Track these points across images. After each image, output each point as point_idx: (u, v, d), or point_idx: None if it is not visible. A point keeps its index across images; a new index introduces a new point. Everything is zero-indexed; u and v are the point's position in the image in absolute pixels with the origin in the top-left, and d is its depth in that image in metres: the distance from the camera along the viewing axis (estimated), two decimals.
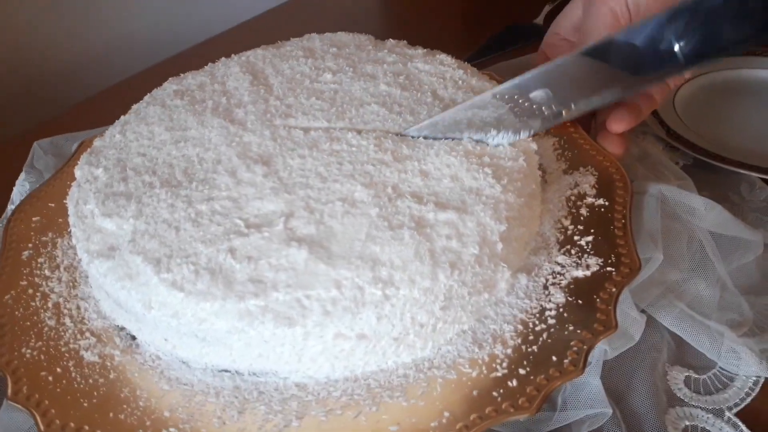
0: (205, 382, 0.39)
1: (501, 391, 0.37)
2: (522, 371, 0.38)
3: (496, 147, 0.46)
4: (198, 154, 0.45)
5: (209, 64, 0.56)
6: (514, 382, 0.38)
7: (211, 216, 0.41)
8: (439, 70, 0.52)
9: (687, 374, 0.48)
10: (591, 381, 0.45)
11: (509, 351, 0.39)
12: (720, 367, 0.48)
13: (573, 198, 0.49)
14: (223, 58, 0.56)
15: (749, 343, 0.48)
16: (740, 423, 0.45)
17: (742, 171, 0.60)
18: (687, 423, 0.46)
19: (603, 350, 0.46)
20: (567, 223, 0.47)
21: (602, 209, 0.47)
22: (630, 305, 0.48)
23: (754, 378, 0.47)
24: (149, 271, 0.38)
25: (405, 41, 0.57)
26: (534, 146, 0.47)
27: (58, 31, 0.84)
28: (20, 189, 0.58)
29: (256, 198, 0.42)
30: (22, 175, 0.59)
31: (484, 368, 0.39)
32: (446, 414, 0.36)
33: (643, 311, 0.49)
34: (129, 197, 0.43)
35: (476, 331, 0.41)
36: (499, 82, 0.55)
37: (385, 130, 0.46)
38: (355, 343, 0.38)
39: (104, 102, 0.73)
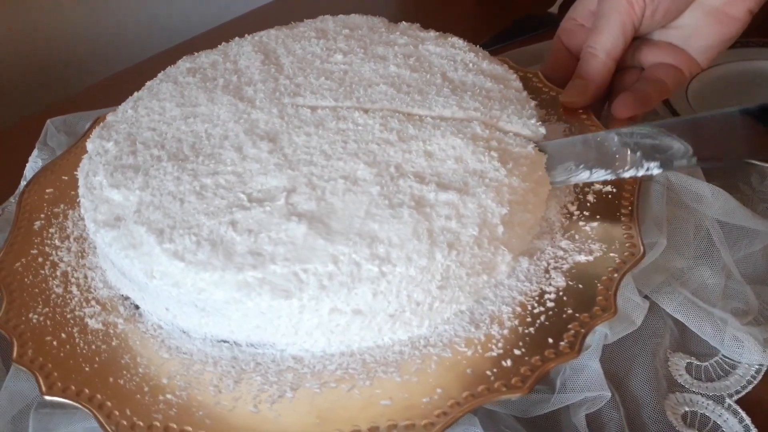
0: (204, 351, 0.40)
1: (495, 370, 0.37)
2: (517, 352, 0.38)
3: (505, 133, 0.46)
4: (206, 129, 0.46)
5: (223, 43, 0.56)
6: (509, 362, 0.38)
7: (215, 189, 0.41)
8: (450, 52, 0.52)
9: (689, 361, 0.48)
10: (590, 364, 0.45)
11: (506, 332, 0.40)
12: (722, 355, 0.48)
13: (581, 184, 0.49)
14: (237, 38, 0.56)
15: (753, 331, 0.48)
16: (740, 410, 0.45)
17: (752, 161, 0.59)
18: (686, 409, 0.45)
19: (604, 334, 0.46)
20: (573, 208, 0.47)
21: (609, 196, 0.47)
22: (633, 290, 0.48)
23: (757, 366, 0.47)
24: (152, 241, 0.39)
25: (418, 24, 0.57)
26: (543, 131, 0.46)
27: (76, 13, 0.85)
28: (33, 165, 0.59)
29: (260, 173, 0.42)
30: (35, 152, 0.60)
31: (479, 348, 0.39)
32: (439, 391, 0.37)
33: (646, 297, 0.49)
34: (137, 170, 0.44)
35: (474, 311, 0.41)
36: (512, 68, 0.55)
37: (392, 108, 0.46)
38: (351, 318, 0.38)
39: (119, 83, 0.73)
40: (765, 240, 0.53)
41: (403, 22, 0.57)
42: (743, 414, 0.45)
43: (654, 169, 0.45)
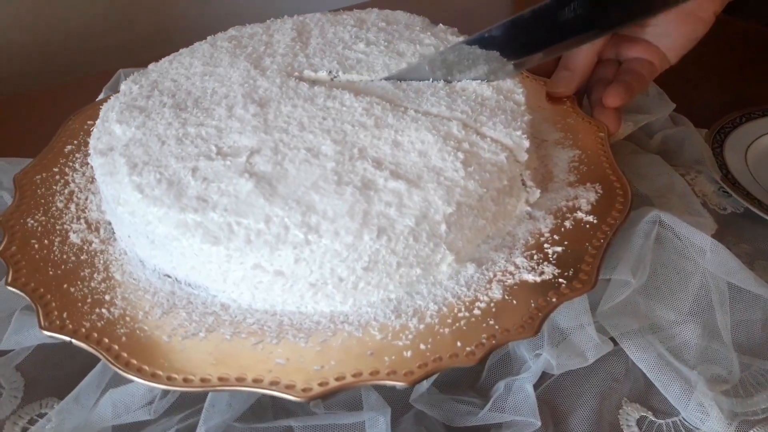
0: (150, 281, 0.44)
1: (393, 357, 0.38)
2: (423, 347, 0.39)
3: (483, 137, 0.46)
4: (214, 88, 0.50)
5: (272, 18, 0.60)
6: (409, 354, 0.38)
7: (194, 138, 0.45)
8: None
9: (643, 414, 0.46)
10: (526, 387, 0.45)
11: (422, 327, 0.40)
12: (683, 417, 0.46)
13: (564, 209, 0.48)
14: (285, 16, 0.60)
15: (722, 401, 0.45)
16: None
17: None
18: None
19: (546, 360, 0.45)
20: (545, 230, 0.46)
21: (587, 226, 0.46)
22: (592, 327, 0.46)
23: None
24: (125, 172, 0.43)
25: (456, 28, 0.58)
26: (526, 143, 0.46)
27: None
28: None
29: (236, 132, 0.45)
30: (101, 95, 0.67)
31: (390, 335, 0.40)
32: (332, 363, 0.38)
33: (613, 340, 0.47)
34: (142, 110, 0.48)
35: (402, 302, 0.42)
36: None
37: (380, 97, 0.48)
38: (273, 278, 0.40)
39: None
40: (766, 309, 0.49)
41: (441, 24, 0.58)
42: None
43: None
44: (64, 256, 0.45)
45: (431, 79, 0.51)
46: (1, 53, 0.89)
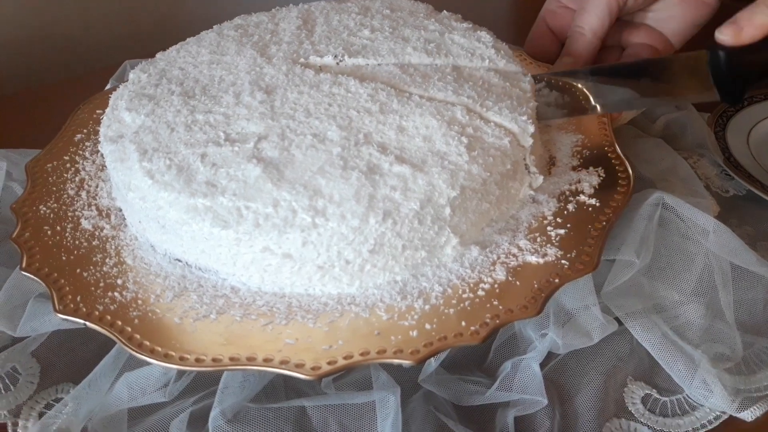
0: (161, 265, 0.45)
1: (399, 337, 0.39)
2: (428, 326, 0.39)
3: (487, 122, 0.46)
4: (221, 75, 0.51)
5: (277, 7, 0.61)
6: (415, 333, 0.39)
7: (202, 125, 0.46)
8: (473, 45, 0.53)
9: (648, 392, 0.47)
10: (532, 366, 0.45)
11: (427, 308, 0.41)
12: (687, 395, 0.46)
13: (567, 193, 0.48)
14: (291, 5, 0.61)
15: (725, 378, 0.46)
16: None
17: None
18: None
19: (552, 340, 0.46)
20: (549, 213, 0.47)
21: (590, 209, 0.47)
22: (597, 307, 0.47)
23: (718, 413, 0.45)
24: (135, 158, 0.44)
25: (460, 15, 0.58)
26: (531, 128, 0.47)
27: None
28: None
29: (244, 118, 0.46)
30: (108, 86, 0.67)
31: (396, 316, 0.40)
32: (340, 342, 0.39)
33: (618, 320, 0.48)
34: (151, 98, 0.49)
35: (407, 284, 0.42)
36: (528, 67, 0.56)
37: (386, 81, 0.48)
38: (281, 260, 0.41)
39: None
40: None
41: (445, 11, 0.59)
42: None
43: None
44: (77, 242, 0.46)
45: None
46: (6, 50, 0.90)
